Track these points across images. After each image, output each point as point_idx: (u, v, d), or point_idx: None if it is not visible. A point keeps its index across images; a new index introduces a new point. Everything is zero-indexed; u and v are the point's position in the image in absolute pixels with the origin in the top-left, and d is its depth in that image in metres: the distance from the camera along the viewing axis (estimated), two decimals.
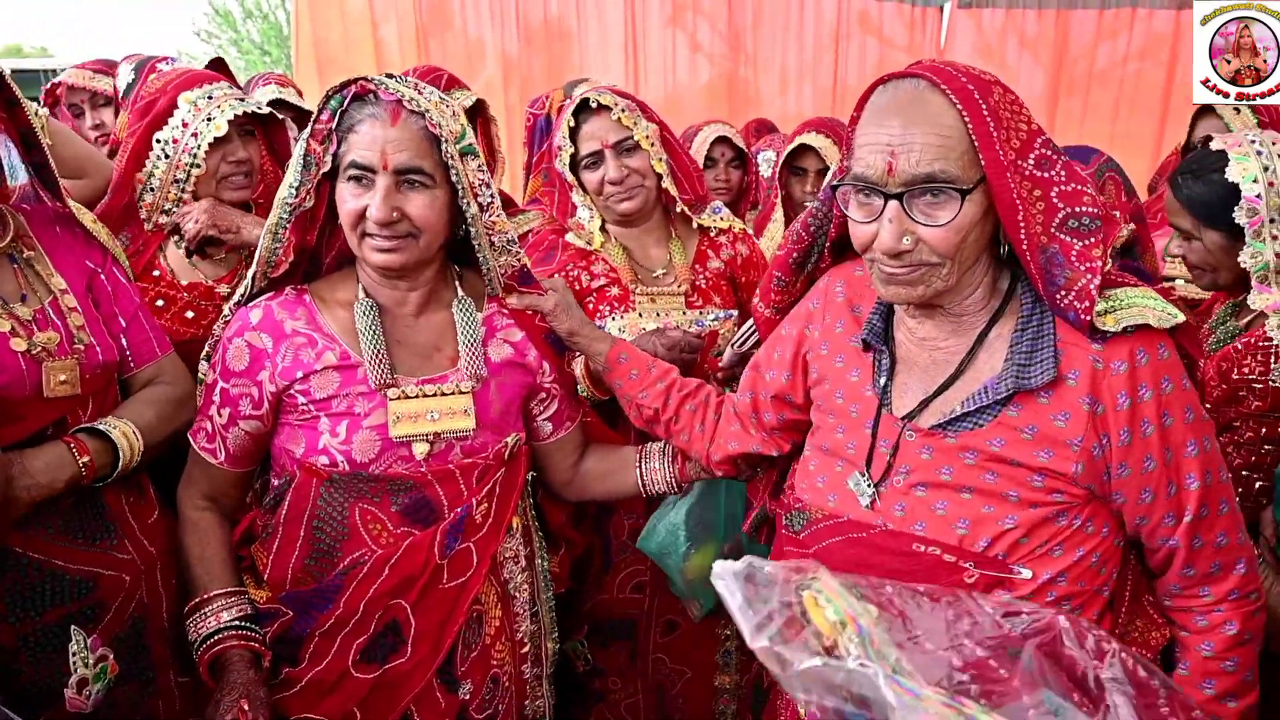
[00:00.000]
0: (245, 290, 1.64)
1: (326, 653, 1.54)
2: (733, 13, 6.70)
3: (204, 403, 1.63)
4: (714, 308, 2.24)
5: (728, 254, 2.31)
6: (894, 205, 1.20)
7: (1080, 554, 1.26)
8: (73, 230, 1.73)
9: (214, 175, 2.15)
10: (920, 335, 1.36)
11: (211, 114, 2.10)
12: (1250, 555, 1.30)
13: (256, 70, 17.05)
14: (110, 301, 1.74)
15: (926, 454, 1.30)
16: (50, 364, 1.56)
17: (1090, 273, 1.21)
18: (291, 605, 1.56)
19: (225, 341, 1.60)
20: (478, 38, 6.50)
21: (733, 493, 2.06)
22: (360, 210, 1.49)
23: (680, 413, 1.74)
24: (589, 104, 2.14)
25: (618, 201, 2.18)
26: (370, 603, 1.53)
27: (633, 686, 2.27)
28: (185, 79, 2.18)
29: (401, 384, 1.56)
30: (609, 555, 2.24)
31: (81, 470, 1.56)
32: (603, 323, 2.18)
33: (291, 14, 6.65)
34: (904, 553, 1.29)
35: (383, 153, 1.47)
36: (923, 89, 1.21)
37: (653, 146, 2.16)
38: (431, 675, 1.58)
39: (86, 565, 1.62)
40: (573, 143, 2.17)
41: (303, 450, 1.56)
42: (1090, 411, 1.22)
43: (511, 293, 1.74)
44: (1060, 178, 1.23)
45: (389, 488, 1.55)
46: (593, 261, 2.23)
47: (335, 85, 1.54)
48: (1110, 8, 6.65)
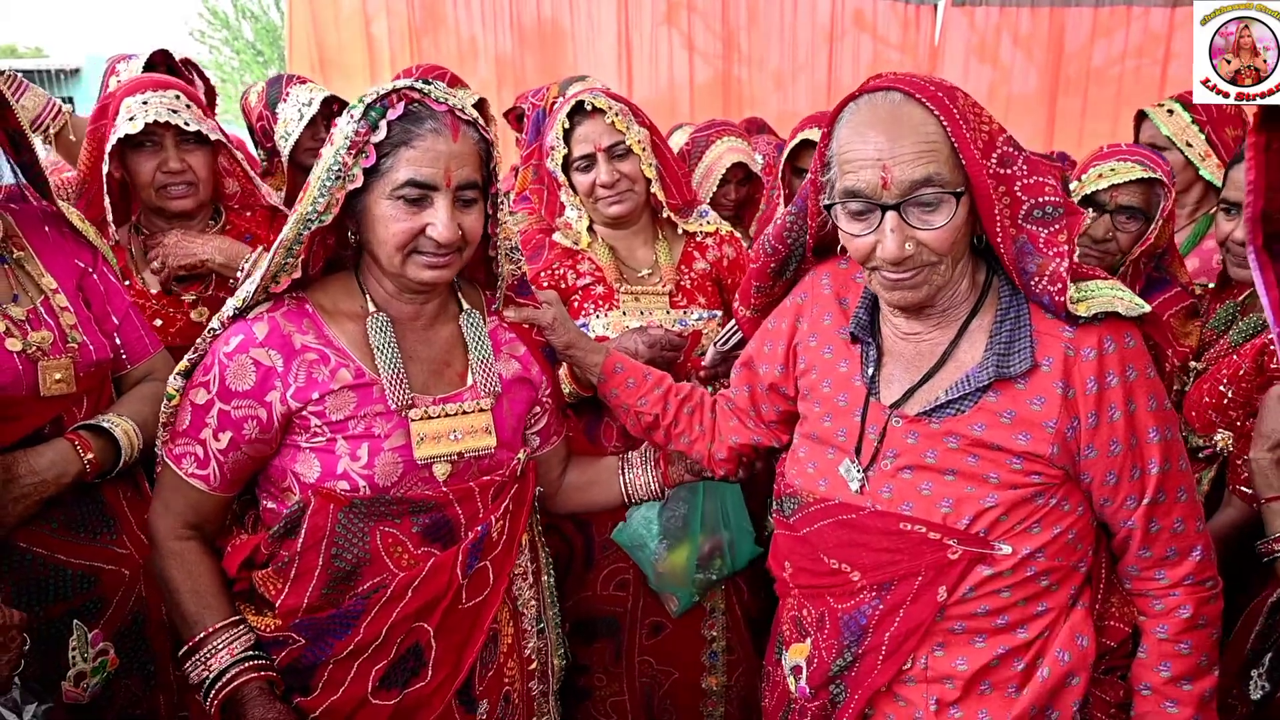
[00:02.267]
0: (242, 302, 1.49)
1: (343, 680, 1.46)
2: (726, 11, 6.70)
3: (190, 424, 1.46)
4: (698, 308, 2.26)
5: (714, 255, 2.33)
6: (893, 216, 1.25)
7: (1057, 531, 1.33)
8: (61, 230, 1.74)
9: (150, 184, 2.10)
10: (905, 329, 1.42)
11: (134, 115, 2.03)
12: (1207, 544, 1.36)
13: (250, 70, 17.02)
14: (102, 300, 1.76)
15: (912, 439, 1.37)
16: (45, 363, 1.58)
17: (1059, 256, 1.28)
18: (304, 633, 1.46)
19: (223, 358, 1.44)
20: (471, 37, 6.49)
21: (711, 492, 2.08)
22: (416, 229, 1.41)
23: (679, 416, 1.77)
24: (584, 106, 2.15)
25: (608, 205, 2.19)
26: (393, 627, 1.46)
27: (618, 684, 2.28)
28: (133, 84, 2.13)
29: (419, 403, 1.49)
30: (591, 553, 2.25)
31: (86, 467, 1.59)
32: (587, 320, 2.21)
33: (285, 13, 6.63)
34: (891, 531, 1.37)
35: (446, 169, 1.39)
36: (899, 101, 1.26)
37: (644, 151, 2.17)
38: (451, 697, 1.52)
39: (88, 560, 1.64)
40: (565, 144, 2.18)
41: (318, 475, 1.45)
42: (1063, 395, 1.29)
43: (509, 305, 1.71)
44: (1022, 172, 1.29)
45: (410, 509, 1.48)
46: (579, 260, 2.25)
47: (374, 94, 1.41)
48: (1104, 5, 6.66)
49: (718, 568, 2.14)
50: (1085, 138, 6.69)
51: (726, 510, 2.11)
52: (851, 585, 1.41)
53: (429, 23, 6.39)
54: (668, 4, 6.63)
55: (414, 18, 6.32)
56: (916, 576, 1.35)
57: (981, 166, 1.24)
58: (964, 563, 1.33)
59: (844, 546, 1.42)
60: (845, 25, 6.80)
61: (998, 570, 1.32)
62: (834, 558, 1.43)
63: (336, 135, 1.42)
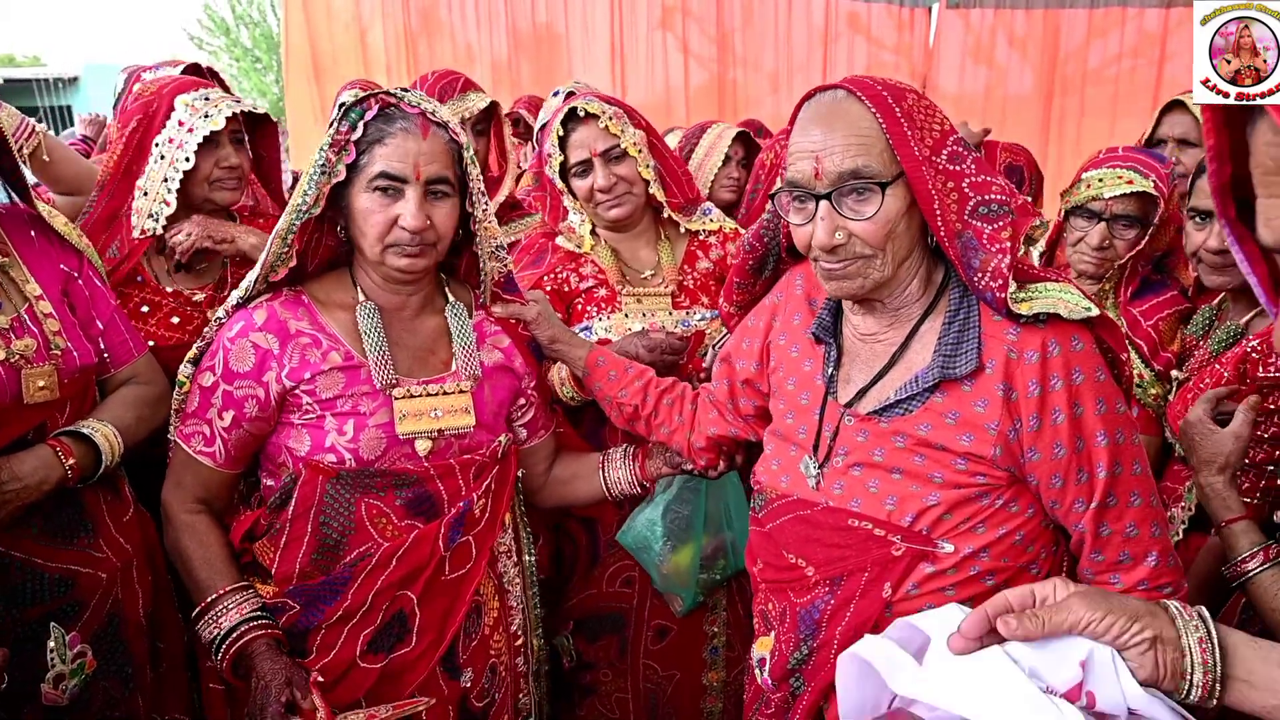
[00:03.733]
0: (244, 292, 1.64)
1: (334, 644, 1.58)
2: (721, 15, 6.71)
3: (199, 406, 1.61)
4: (700, 308, 2.27)
5: (717, 254, 2.33)
6: (824, 204, 1.30)
7: (1003, 532, 1.33)
8: (48, 235, 1.74)
9: (206, 179, 2.16)
10: (862, 330, 1.45)
11: (209, 112, 2.12)
12: (1165, 549, 1.34)
13: (248, 76, 17.03)
14: (87, 305, 1.76)
15: (862, 437, 1.40)
16: (29, 371, 1.58)
17: (1001, 253, 1.29)
18: (298, 599, 1.58)
19: (226, 343, 1.59)
20: (466, 43, 6.51)
21: (714, 492, 2.09)
22: (391, 219, 1.55)
23: (659, 407, 1.83)
24: (577, 112, 2.16)
25: (607, 208, 2.21)
26: (378, 594, 1.58)
27: (624, 681, 2.29)
28: (179, 84, 2.20)
29: (403, 384, 1.62)
30: (597, 550, 2.26)
31: (68, 473, 1.60)
32: (590, 323, 2.22)
33: (282, 20, 6.63)
34: (840, 528, 1.39)
35: (415, 164, 1.53)
36: (841, 98, 1.32)
37: (640, 153, 2.19)
38: (435, 663, 1.63)
39: (65, 564, 1.64)
40: (562, 150, 2.20)
41: (308, 448, 1.58)
42: (1005, 397, 1.30)
43: (496, 301, 1.81)
44: (970, 170, 1.33)
45: (394, 483, 1.61)
46: (582, 263, 2.26)
47: (353, 98, 1.57)
48: (1099, 7, 6.67)
49: (721, 567, 2.15)
50: (1082, 138, 6.70)
51: (729, 510, 2.12)
52: (807, 580, 1.43)
53: (425, 28, 6.41)
54: (662, 8, 6.64)
55: (410, 23, 6.34)
56: (864, 572, 1.36)
57: (919, 161, 1.28)
58: (907, 559, 1.34)
59: (801, 542, 1.44)
60: (840, 28, 6.81)
61: (940, 568, 1.33)
62: (792, 552, 1.45)
63: (324, 137, 1.56)
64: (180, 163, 2.09)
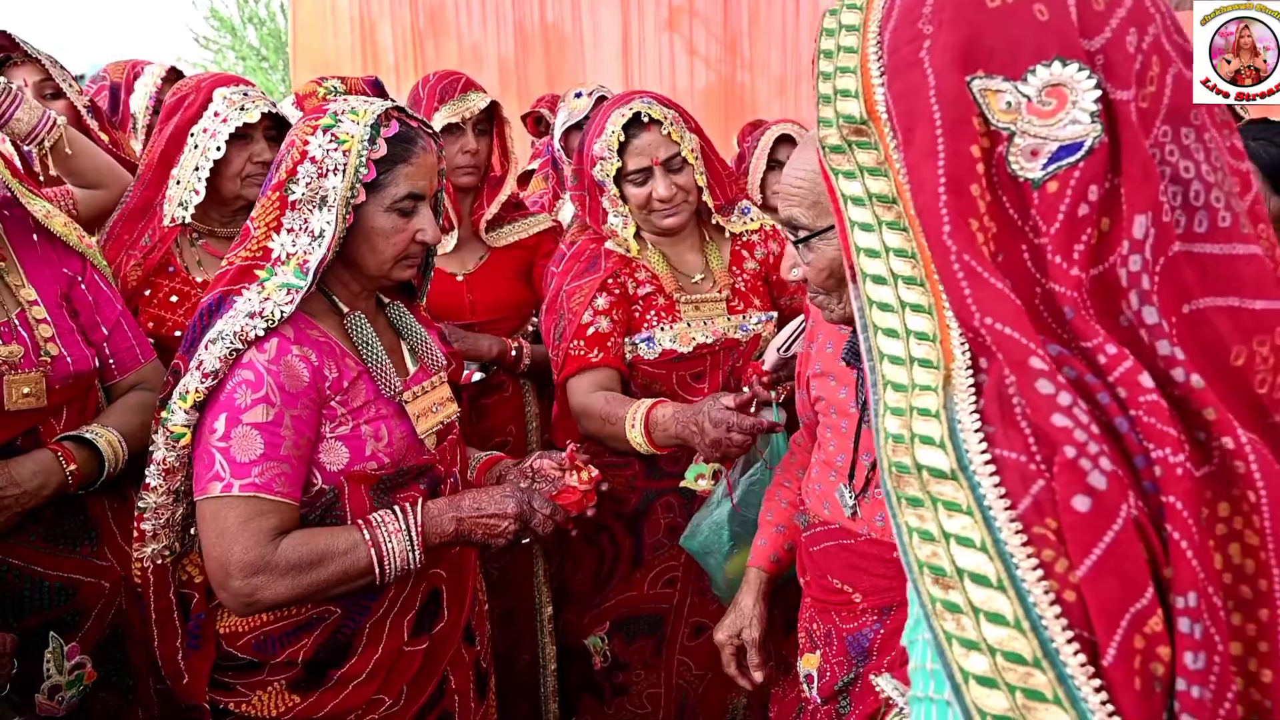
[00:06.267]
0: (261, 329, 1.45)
1: (380, 637, 1.58)
2: (729, 17, 6.70)
3: (268, 446, 1.40)
4: (755, 310, 2.24)
5: (761, 253, 2.29)
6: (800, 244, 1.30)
7: None
8: (52, 238, 1.72)
9: (239, 174, 2.15)
10: None
11: (245, 106, 2.12)
12: None
13: (255, 75, 17.08)
14: (91, 310, 1.73)
15: None
16: (11, 378, 1.56)
17: None
18: (340, 603, 1.54)
19: (269, 367, 1.42)
20: (474, 43, 6.51)
21: None
22: (411, 236, 1.54)
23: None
24: (640, 118, 2.08)
25: (662, 218, 2.13)
26: (417, 578, 1.60)
27: (655, 676, 2.29)
28: (219, 78, 2.21)
29: (406, 386, 1.63)
30: (640, 553, 2.24)
31: (68, 478, 1.57)
32: (653, 333, 2.16)
33: (290, 19, 6.65)
34: (886, 559, 1.37)
35: (430, 183, 1.56)
36: (809, 135, 1.33)
37: (697, 160, 2.13)
38: (460, 632, 1.69)
39: (67, 572, 1.62)
40: (619, 156, 2.11)
41: (346, 460, 1.50)
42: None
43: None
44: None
45: (417, 476, 1.62)
46: (635, 269, 2.20)
47: (370, 113, 1.50)
48: None
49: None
50: None
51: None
52: (855, 607, 1.42)
53: (432, 28, 6.42)
54: (670, 9, 6.63)
55: (417, 23, 6.35)
56: None
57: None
58: None
59: (846, 569, 1.43)
60: None
61: None
62: (837, 578, 1.44)
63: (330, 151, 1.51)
64: (211, 152, 2.08)
